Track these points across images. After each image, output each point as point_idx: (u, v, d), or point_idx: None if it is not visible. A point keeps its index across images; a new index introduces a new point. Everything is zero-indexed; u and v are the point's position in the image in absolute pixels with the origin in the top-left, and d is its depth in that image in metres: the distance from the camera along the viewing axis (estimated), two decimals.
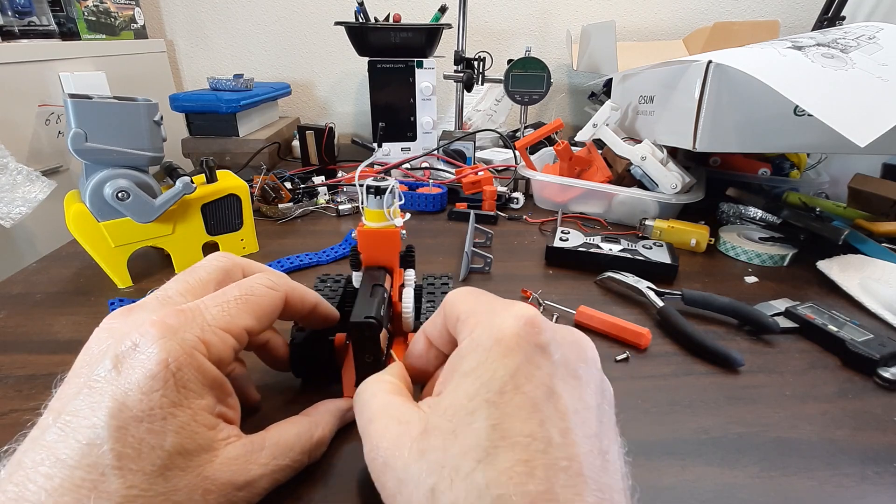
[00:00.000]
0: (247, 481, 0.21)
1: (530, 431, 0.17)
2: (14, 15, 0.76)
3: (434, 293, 0.38)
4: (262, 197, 0.64)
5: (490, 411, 0.17)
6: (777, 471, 0.28)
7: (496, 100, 1.00)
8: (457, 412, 0.18)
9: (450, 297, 0.24)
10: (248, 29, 1.14)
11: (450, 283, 0.39)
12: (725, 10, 1.14)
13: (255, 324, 0.24)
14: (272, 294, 0.25)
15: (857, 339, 0.37)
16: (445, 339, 0.24)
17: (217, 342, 0.21)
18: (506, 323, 0.19)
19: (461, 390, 0.18)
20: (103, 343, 0.21)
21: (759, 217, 0.60)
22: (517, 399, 0.17)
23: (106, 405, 0.18)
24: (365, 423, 0.21)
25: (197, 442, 0.19)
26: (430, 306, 0.36)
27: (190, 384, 0.20)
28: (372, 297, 0.29)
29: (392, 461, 0.19)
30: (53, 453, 0.17)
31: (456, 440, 0.17)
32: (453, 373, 0.20)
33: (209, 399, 0.21)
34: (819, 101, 0.41)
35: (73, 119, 0.39)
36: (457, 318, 0.22)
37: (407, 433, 0.19)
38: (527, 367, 0.18)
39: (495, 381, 0.18)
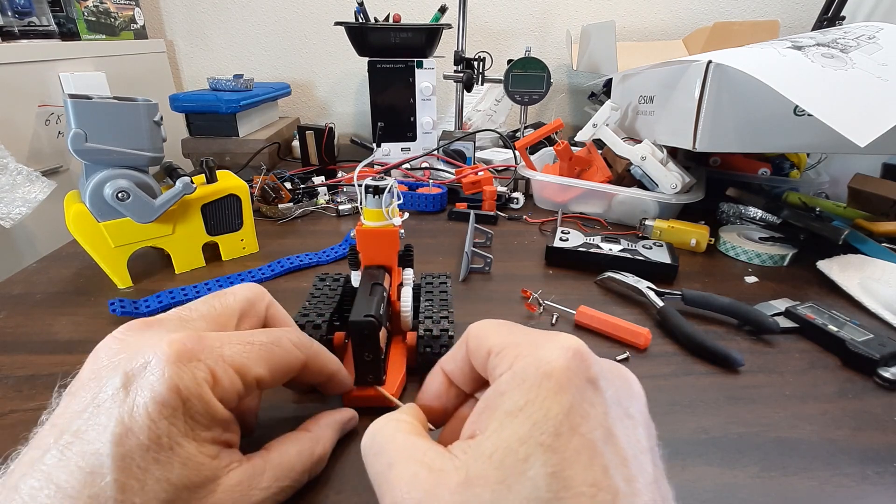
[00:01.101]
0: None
1: (594, 480, 0.15)
2: (14, 15, 0.76)
3: (432, 292, 0.38)
4: (262, 197, 0.64)
5: (547, 457, 0.15)
6: (777, 471, 0.28)
7: (496, 100, 1.00)
8: (505, 458, 0.16)
9: (474, 330, 0.22)
10: (248, 29, 1.14)
11: (448, 283, 0.39)
12: (725, 10, 1.14)
13: (268, 377, 0.23)
14: (295, 354, 0.25)
15: (857, 339, 0.37)
16: (468, 376, 0.23)
17: (226, 382, 0.21)
18: (553, 355, 0.18)
19: (508, 432, 0.16)
20: (115, 356, 0.20)
21: (759, 217, 0.60)
22: (575, 442, 0.16)
23: (111, 430, 0.17)
24: (383, 468, 0.19)
25: (202, 474, 0.19)
26: (428, 305, 0.36)
27: (197, 416, 0.19)
28: (371, 296, 0.29)
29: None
30: (53, 480, 0.16)
31: (509, 492, 0.15)
32: (493, 411, 0.18)
33: (216, 431, 0.20)
34: (819, 100, 0.41)
35: (73, 119, 0.39)
36: (487, 351, 0.20)
37: (443, 483, 0.17)
38: (581, 405, 0.16)
39: (549, 421, 0.16)
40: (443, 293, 0.38)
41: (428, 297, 0.37)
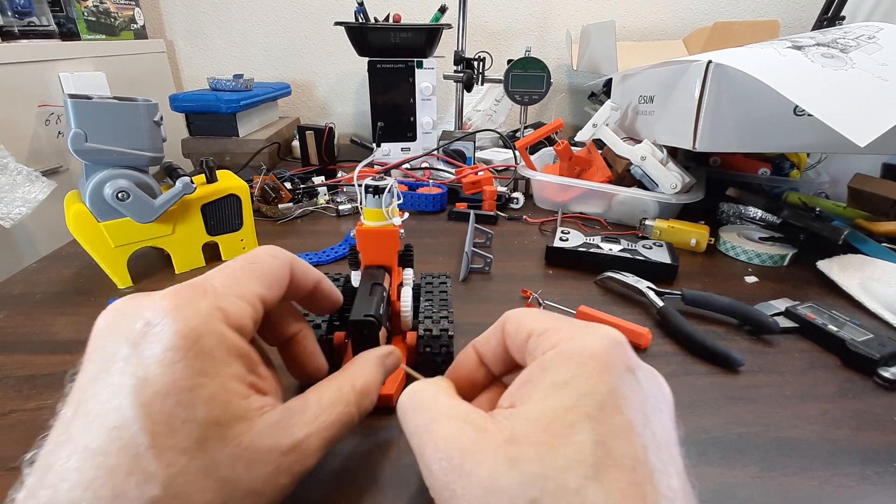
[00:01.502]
0: (292, 444, 0.20)
1: (634, 455, 0.16)
2: (14, 15, 0.76)
3: (432, 292, 0.38)
4: (262, 197, 0.64)
5: (593, 426, 0.16)
6: (777, 471, 0.28)
7: (496, 100, 1.00)
8: (551, 423, 0.17)
9: (513, 315, 0.23)
10: (248, 29, 1.14)
11: (448, 283, 0.39)
12: (725, 10, 1.14)
13: (266, 291, 0.23)
14: (275, 262, 0.24)
15: (857, 339, 0.37)
16: (499, 357, 0.24)
17: (234, 309, 0.20)
18: (598, 342, 0.19)
19: (554, 401, 0.18)
20: (113, 326, 0.19)
21: (759, 217, 0.60)
22: (618, 419, 0.17)
23: (128, 384, 0.17)
24: (424, 423, 0.20)
25: (230, 412, 0.18)
26: (428, 305, 0.36)
27: (213, 352, 0.19)
28: (371, 296, 0.29)
29: (472, 467, 0.17)
30: (81, 445, 0.16)
31: (555, 452, 0.16)
32: (536, 384, 0.19)
33: (237, 367, 0.20)
34: (819, 100, 0.41)
35: (73, 119, 0.39)
36: (528, 334, 0.21)
37: (487, 439, 0.18)
38: (623, 387, 0.18)
39: (595, 396, 0.17)
40: (443, 293, 0.38)
41: (428, 296, 0.37)
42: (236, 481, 0.18)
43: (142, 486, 0.16)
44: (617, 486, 0.15)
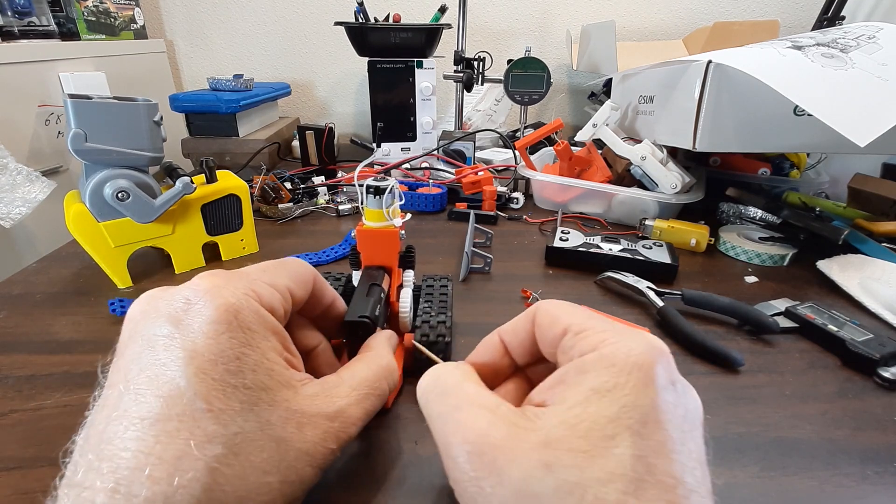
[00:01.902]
0: (337, 411, 0.21)
1: (673, 473, 0.16)
2: (14, 15, 0.76)
3: (432, 294, 0.38)
4: (262, 197, 0.64)
5: (634, 440, 0.16)
6: (777, 471, 0.28)
7: (496, 100, 1.00)
8: (591, 431, 0.16)
9: (545, 306, 0.22)
10: (248, 29, 1.14)
11: (449, 286, 0.39)
12: (725, 10, 1.14)
13: (295, 286, 0.24)
14: (302, 265, 0.26)
15: (857, 339, 0.37)
16: (525, 348, 0.23)
17: (266, 293, 0.21)
18: (643, 349, 0.18)
19: (594, 408, 0.17)
20: (149, 311, 0.20)
21: (759, 217, 0.60)
22: (659, 435, 0.17)
23: (177, 356, 0.17)
24: (450, 409, 0.19)
25: (275, 378, 0.19)
26: (427, 307, 0.36)
27: (252, 325, 0.20)
28: (368, 297, 0.29)
29: (503, 466, 0.17)
30: (137, 417, 0.16)
31: (593, 463, 0.16)
32: (572, 386, 0.18)
33: (275, 342, 0.20)
34: (819, 100, 0.41)
35: (73, 119, 0.39)
36: (564, 329, 0.21)
37: (521, 437, 0.17)
38: (665, 402, 0.17)
39: (637, 409, 0.17)
40: (443, 296, 0.38)
41: (427, 299, 0.37)
42: (289, 440, 0.19)
43: (203, 446, 0.16)
44: (655, 502, 0.15)
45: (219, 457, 0.17)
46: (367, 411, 0.23)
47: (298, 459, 0.19)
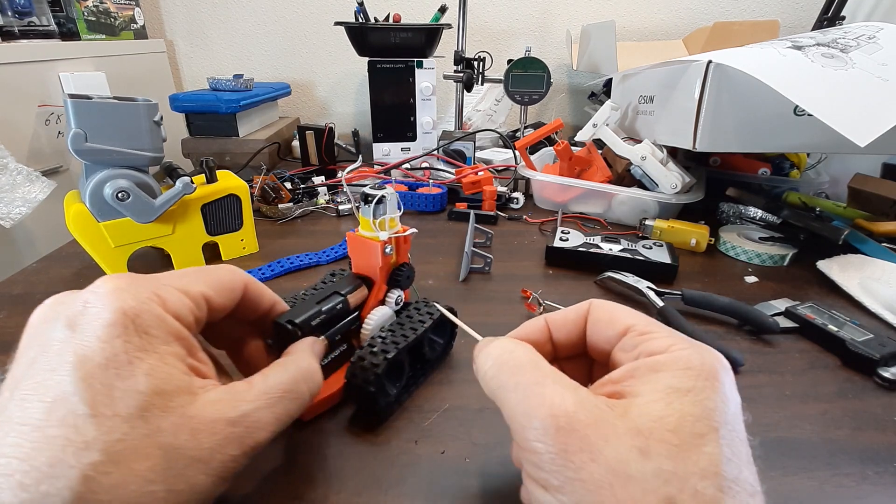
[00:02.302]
0: (240, 416, 0.20)
1: (753, 482, 0.17)
2: (14, 15, 0.76)
3: (403, 324, 0.32)
4: (262, 197, 0.64)
5: (723, 442, 0.17)
6: (777, 471, 0.28)
7: (496, 100, 1.00)
8: (680, 426, 0.17)
9: (601, 304, 0.23)
10: (248, 29, 1.14)
11: (432, 317, 0.33)
12: (725, 10, 1.14)
13: (212, 293, 0.23)
14: (231, 272, 0.25)
15: (857, 339, 0.37)
16: (573, 340, 0.24)
17: (173, 298, 0.21)
18: (713, 359, 0.19)
19: (679, 406, 0.18)
20: (49, 314, 0.20)
21: (759, 217, 0.60)
22: (739, 443, 0.18)
23: (67, 361, 0.17)
24: (529, 381, 0.19)
25: (173, 383, 0.19)
26: (382, 339, 0.31)
27: (151, 330, 0.19)
28: (318, 303, 0.29)
29: (597, 442, 0.17)
30: (19, 422, 0.16)
31: (686, 457, 0.16)
32: (647, 382, 0.19)
33: (177, 347, 0.20)
34: (819, 100, 0.41)
35: (73, 119, 0.39)
36: (625, 328, 0.21)
37: (611, 421, 0.17)
38: (737, 414, 0.18)
39: (718, 413, 0.18)
40: (413, 329, 0.32)
41: (398, 324, 0.32)
42: (179, 448, 0.18)
43: (80, 453, 0.16)
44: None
45: (95, 464, 0.16)
46: (280, 416, 0.22)
47: (189, 467, 0.18)
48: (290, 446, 0.28)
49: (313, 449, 0.28)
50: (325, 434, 0.30)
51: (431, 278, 0.49)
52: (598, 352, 0.23)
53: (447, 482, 0.27)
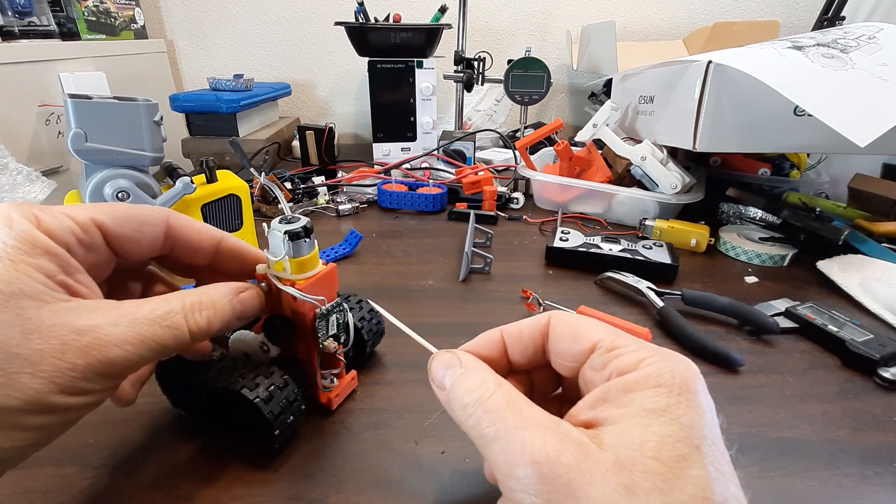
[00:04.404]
0: (89, 326, 0.19)
1: (741, 497, 0.17)
2: (14, 15, 0.76)
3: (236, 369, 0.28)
4: (262, 197, 0.64)
5: (704, 461, 0.16)
6: (777, 471, 0.28)
7: (496, 100, 1.00)
8: (660, 451, 0.16)
9: (563, 318, 0.22)
10: (248, 29, 1.14)
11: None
12: (725, 10, 1.14)
13: (107, 220, 0.23)
14: (146, 208, 0.24)
15: (857, 339, 0.37)
16: (529, 355, 0.23)
17: (49, 218, 0.21)
18: (687, 372, 0.19)
19: (657, 428, 0.17)
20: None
21: (759, 217, 0.60)
22: (719, 456, 0.17)
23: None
24: (509, 428, 0.18)
25: (17, 286, 0.18)
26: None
27: (8, 240, 0.19)
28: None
29: (581, 487, 0.16)
30: None
31: (673, 486, 0.16)
32: (621, 406, 0.18)
33: (42, 261, 0.20)
34: (819, 101, 0.41)
35: (73, 119, 0.39)
36: (591, 345, 0.20)
37: (593, 458, 0.17)
38: (715, 426, 0.18)
39: (696, 428, 0.17)
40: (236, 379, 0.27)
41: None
42: (4, 343, 0.18)
43: None
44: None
45: None
46: (145, 337, 0.20)
47: (9, 363, 0.17)
48: (290, 447, 0.28)
49: (313, 449, 0.28)
50: (325, 434, 0.30)
51: (431, 278, 0.49)
52: (564, 368, 0.22)
53: (447, 482, 0.27)
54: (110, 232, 0.23)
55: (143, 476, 0.26)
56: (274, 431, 0.26)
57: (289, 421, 0.27)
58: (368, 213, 0.68)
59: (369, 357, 0.37)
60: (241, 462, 0.27)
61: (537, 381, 0.24)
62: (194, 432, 0.29)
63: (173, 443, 0.29)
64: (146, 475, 0.26)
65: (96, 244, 0.22)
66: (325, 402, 0.31)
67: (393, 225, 0.64)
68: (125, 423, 0.30)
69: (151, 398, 0.32)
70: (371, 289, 0.48)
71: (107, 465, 0.27)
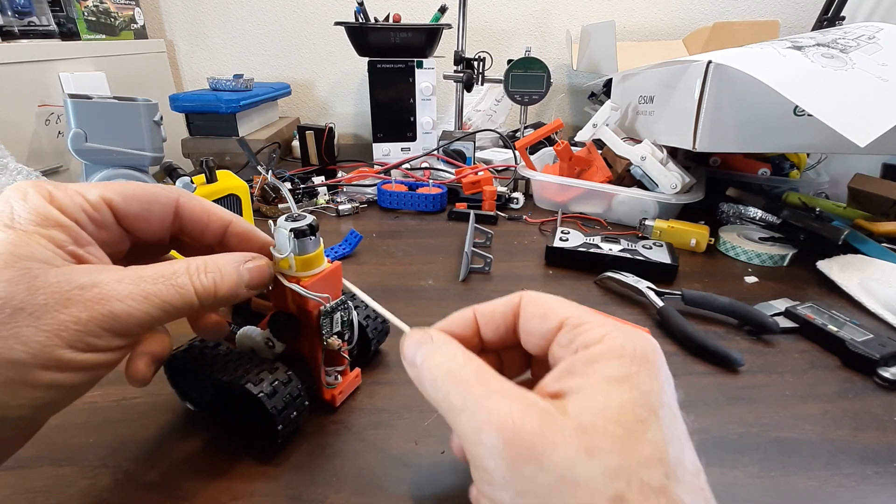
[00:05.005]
0: (91, 282, 0.20)
1: (694, 461, 0.17)
2: (14, 15, 0.76)
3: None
4: (262, 197, 0.64)
5: (662, 425, 0.17)
6: (777, 471, 0.28)
7: (496, 100, 1.00)
8: (621, 415, 0.17)
9: (534, 298, 0.23)
10: (248, 29, 1.14)
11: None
12: (725, 10, 1.14)
13: (117, 198, 0.23)
14: (147, 186, 0.25)
15: (857, 339, 0.37)
16: (500, 333, 0.23)
17: (62, 195, 0.21)
18: (645, 343, 0.19)
19: (618, 394, 0.18)
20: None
21: (759, 217, 0.60)
22: (678, 423, 0.18)
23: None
24: (475, 398, 0.19)
25: (28, 251, 0.19)
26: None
27: (23, 212, 0.20)
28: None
29: (544, 451, 0.17)
30: None
31: (631, 447, 0.16)
32: (585, 376, 0.19)
33: (54, 232, 0.20)
34: (819, 101, 0.41)
35: (73, 119, 0.39)
36: (559, 323, 0.21)
37: (557, 424, 0.17)
38: (672, 395, 0.19)
39: (654, 395, 0.18)
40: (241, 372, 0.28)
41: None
42: (7, 298, 0.18)
43: None
44: (690, 489, 0.16)
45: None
46: (149, 294, 0.21)
47: (16, 317, 0.18)
48: (290, 446, 0.28)
49: (314, 448, 0.28)
50: (325, 434, 0.30)
51: (431, 278, 0.49)
52: (533, 346, 0.22)
53: (447, 482, 0.27)
54: (120, 210, 0.23)
55: (143, 476, 0.26)
56: (277, 426, 0.26)
57: (292, 416, 0.27)
58: (368, 213, 0.68)
59: (374, 355, 0.37)
60: (241, 462, 0.27)
61: (507, 362, 0.25)
62: (195, 432, 0.29)
63: (173, 443, 0.29)
64: (146, 475, 0.26)
65: (106, 221, 0.23)
66: (329, 398, 0.31)
67: (393, 225, 0.64)
68: (125, 422, 0.30)
69: (151, 398, 0.32)
70: (371, 289, 0.47)
71: (107, 465, 0.27)
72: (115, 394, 0.32)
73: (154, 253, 0.28)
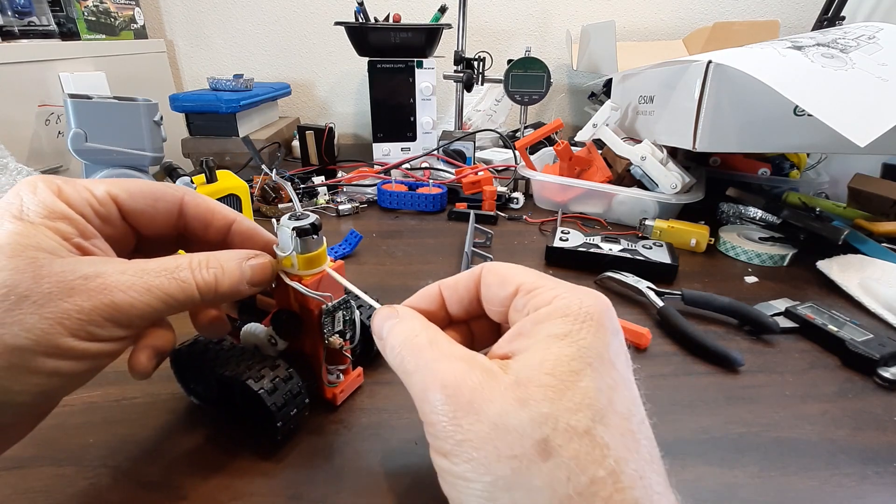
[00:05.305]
0: (95, 272, 0.20)
1: (627, 406, 0.18)
2: (14, 15, 0.76)
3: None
4: (262, 197, 0.64)
5: (595, 375, 0.18)
6: (777, 471, 0.28)
7: (496, 100, 1.00)
8: (555, 368, 0.18)
9: (493, 267, 0.24)
10: (248, 29, 1.14)
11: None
12: (725, 10, 1.14)
13: (122, 194, 0.24)
14: (163, 184, 0.25)
15: (857, 339, 0.37)
16: (465, 304, 0.24)
17: (70, 190, 0.22)
18: (592, 301, 0.20)
19: (555, 349, 0.19)
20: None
21: (759, 217, 0.60)
22: (613, 373, 0.19)
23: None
24: (427, 362, 0.20)
25: (34, 240, 0.19)
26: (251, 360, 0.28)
27: (31, 204, 0.21)
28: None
29: (481, 404, 0.18)
30: None
31: (563, 395, 0.17)
32: (531, 336, 0.20)
33: (61, 224, 0.21)
34: (819, 101, 0.41)
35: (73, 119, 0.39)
36: (516, 288, 0.22)
37: (496, 379, 0.19)
38: (614, 347, 0.19)
39: (593, 349, 0.19)
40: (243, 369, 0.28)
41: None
42: (13, 286, 0.18)
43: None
44: (618, 431, 0.17)
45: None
46: (151, 286, 0.21)
47: (20, 304, 0.18)
48: (291, 445, 0.28)
49: (314, 447, 0.28)
50: (325, 432, 0.30)
51: (431, 278, 0.49)
52: (495, 314, 0.23)
53: None
54: (125, 205, 0.24)
55: (143, 475, 0.26)
56: (276, 423, 0.26)
57: (292, 413, 0.27)
58: (368, 213, 0.68)
59: (376, 355, 0.37)
60: (241, 461, 0.27)
61: (477, 331, 0.26)
62: (195, 432, 0.29)
63: (173, 442, 0.29)
64: (146, 475, 0.26)
65: (112, 216, 0.24)
66: (331, 397, 0.31)
67: (393, 225, 0.64)
68: (125, 422, 0.30)
69: (151, 398, 0.32)
70: (371, 289, 0.47)
71: (107, 465, 0.27)
72: (115, 393, 0.32)
73: (160, 252, 0.28)
